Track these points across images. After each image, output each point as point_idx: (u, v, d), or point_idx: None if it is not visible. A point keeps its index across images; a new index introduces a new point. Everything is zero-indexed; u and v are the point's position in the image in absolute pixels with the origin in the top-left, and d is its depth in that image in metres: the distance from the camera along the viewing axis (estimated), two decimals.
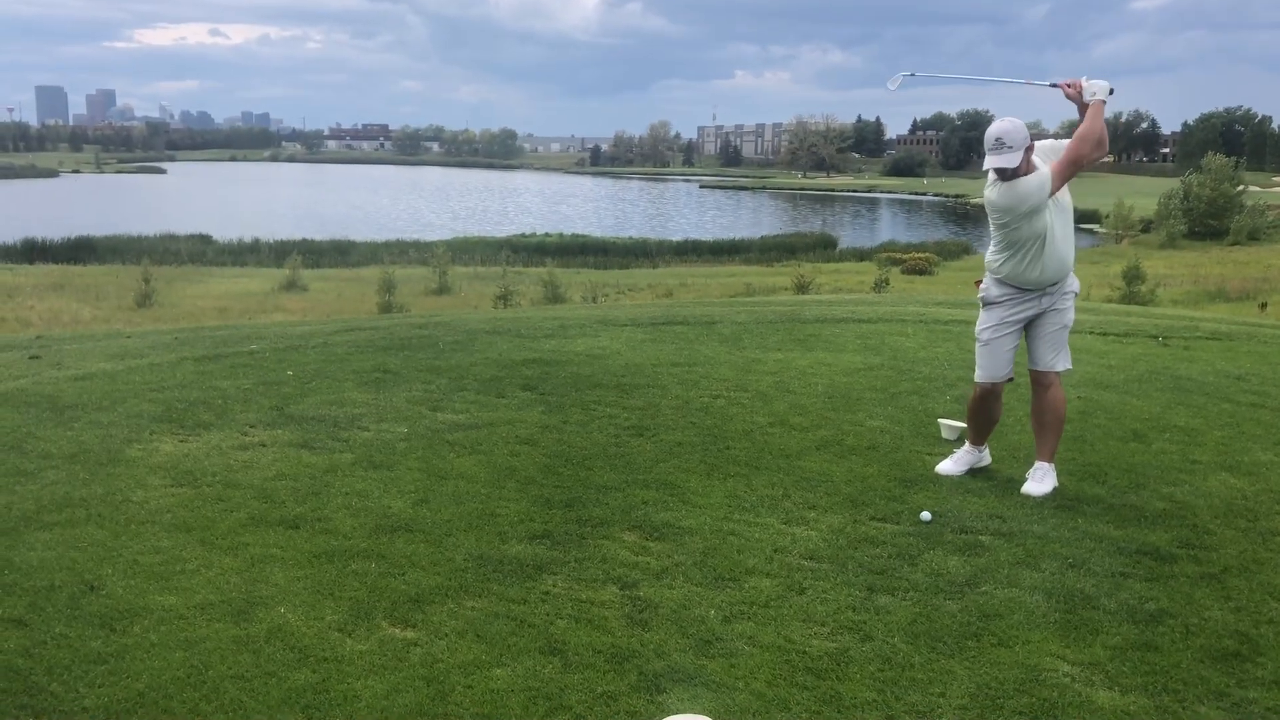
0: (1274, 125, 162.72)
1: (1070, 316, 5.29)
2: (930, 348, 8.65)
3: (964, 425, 6.09)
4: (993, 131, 4.98)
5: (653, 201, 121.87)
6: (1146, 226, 74.85)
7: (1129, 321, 10.84)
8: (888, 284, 34.56)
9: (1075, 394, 7.14)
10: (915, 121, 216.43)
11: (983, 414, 5.46)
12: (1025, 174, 5.01)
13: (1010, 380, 5.41)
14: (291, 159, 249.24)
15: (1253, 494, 5.19)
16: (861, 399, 6.90)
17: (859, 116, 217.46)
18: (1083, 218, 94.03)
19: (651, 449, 5.71)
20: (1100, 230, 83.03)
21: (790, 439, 5.97)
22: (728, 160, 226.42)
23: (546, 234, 65.87)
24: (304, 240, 55.28)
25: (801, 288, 32.43)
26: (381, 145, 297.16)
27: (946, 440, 6.04)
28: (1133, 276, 37.66)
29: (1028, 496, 5.13)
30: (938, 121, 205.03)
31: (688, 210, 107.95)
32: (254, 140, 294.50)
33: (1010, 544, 4.51)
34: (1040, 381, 5.34)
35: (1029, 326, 5.31)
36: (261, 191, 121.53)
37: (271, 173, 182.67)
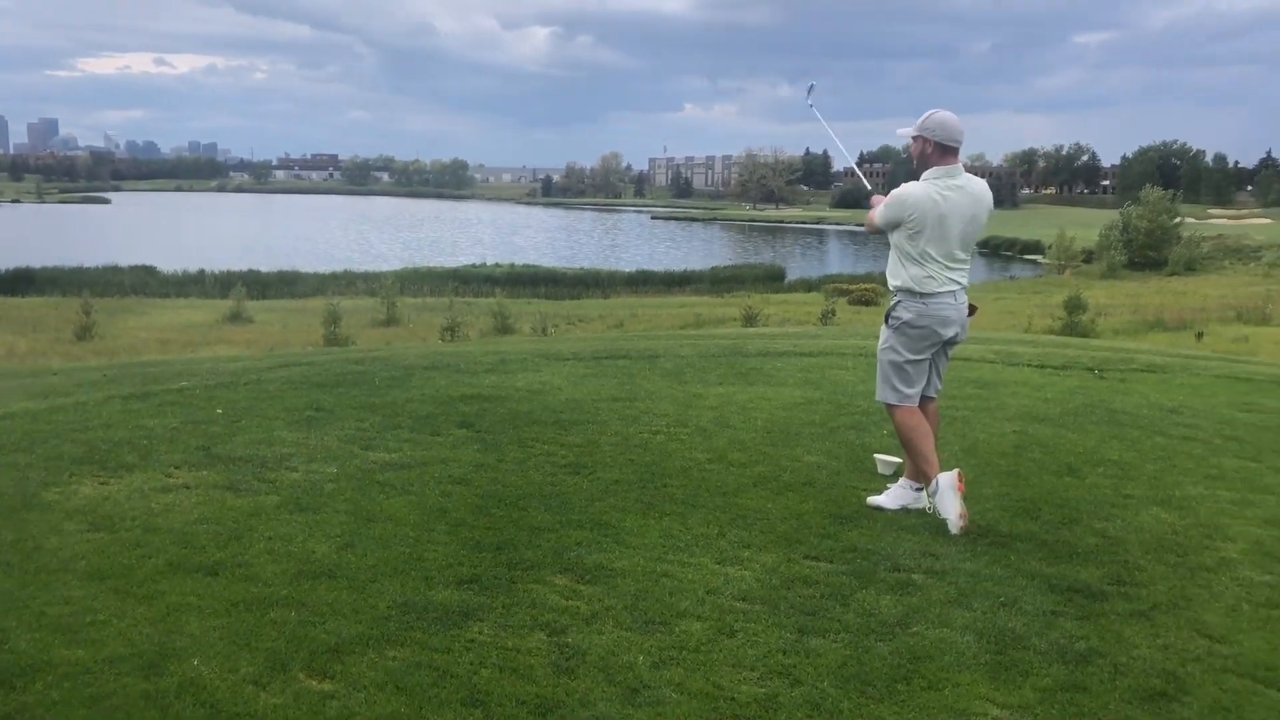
0: (1207, 159, 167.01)
1: (880, 343, 5.51)
2: (869, 381, 8.61)
3: (899, 460, 6.10)
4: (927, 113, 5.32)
5: (605, 232, 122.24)
6: (1088, 257, 76.23)
7: (1066, 354, 10.97)
8: (834, 315, 34.80)
9: (1011, 429, 7.19)
10: (862, 154, 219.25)
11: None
12: (920, 165, 5.32)
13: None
14: (239, 189, 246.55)
15: (1183, 528, 5.23)
16: (800, 434, 6.89)
17: (807, 149, 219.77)
18: (1026, 249, 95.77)
19: (588, 487, 5.63)
20: (1043, 261, 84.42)
21: (728, 475, 5.93)
22: (679, 192, 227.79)
23: (497, 264, 65.69)
24: (250, 271, 54.62)
25: (750, 319, 32.55)
26: (331, 175, 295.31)
27: (882, 476, 6.03)
28: (1074, 306, 38.24)
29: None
30: (884, 155, 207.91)
31: (640, 241, 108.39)
32: (201, 170, 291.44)
33: (943, 582, 4.49)
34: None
35: None
36: (208, 222, 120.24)
37: (218, 203, 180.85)
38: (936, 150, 5.27)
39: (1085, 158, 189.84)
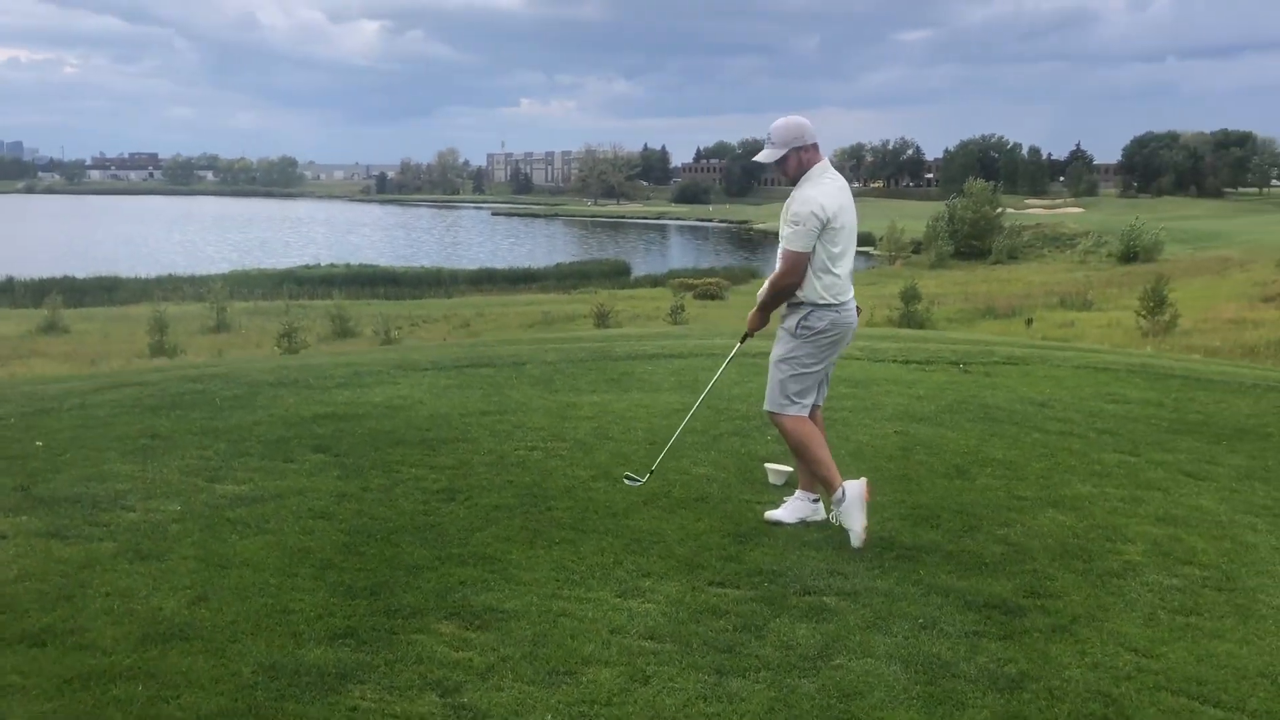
0: (1023, 152, 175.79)
1: (776, 350, 5.22)
2: (743, 383, 8.45)
3: (790, 469, 5.86)
4: (773, 125, 5.09)
5: (445, 229, 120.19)
6: (917, 248, 79.03)
7: (928, 348, 11.03)
8: (683, 310, 34.90)
9: (893, 428, 7.07)
10: (699, 150, 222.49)
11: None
12: (799, 175, 5.04)
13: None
14: (50, 190, 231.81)
15: (1082, 531, 5.14)
16: (683, 443, 6.57)
17: (645, 145, 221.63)
18: (858, 240, 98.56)
19: (465, 515, 5.18)
20: (875, 253, 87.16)
21: (616, 494, 5.56)
22: (519, 188, 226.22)
23: (333, 264, 63.56)
24: (65, 277, 51.21)
25: (601, 316, 32.30)
26: (151, 175, 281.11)
27: (774, 486, 5.78)
28: (910, 296, 39.45)
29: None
30: (720, 150, 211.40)
31: (481, 238, 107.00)
32: (5, 170, 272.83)
33: (857, 605, 4.24)
34: None
35: None
36: (15, 226, 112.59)
37: (27, 206, 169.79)
38: (811, 150, 5.03)
39: (910, 151, 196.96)
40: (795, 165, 5.03)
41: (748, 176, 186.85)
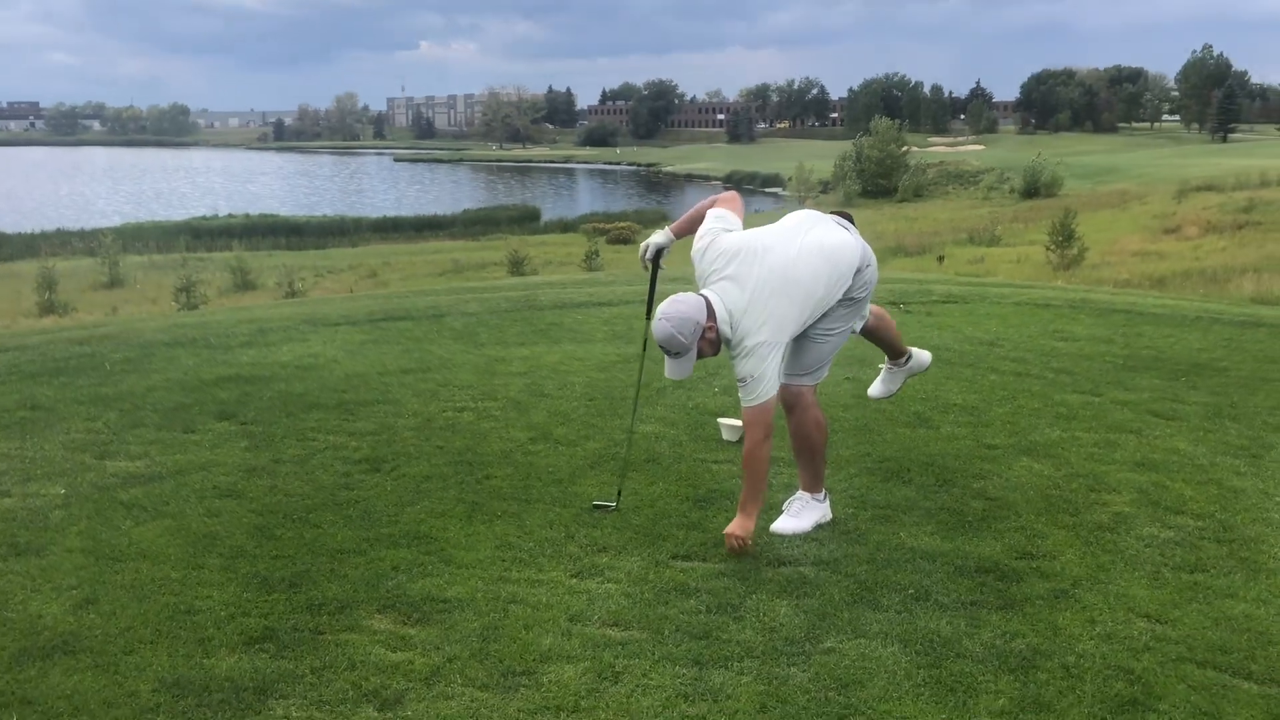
0: (925, 90, 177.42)
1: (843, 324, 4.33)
2: None
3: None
4: (660, 339, 3.95)
5: (348, 177, 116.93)
6: (825, 187, 79.31)
7: None
8: (598, 255, 34.27)
9: (843, 375, 6.67)
10: (604, 92, 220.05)
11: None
12: (715, 342, 4.01)
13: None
14: None
15: (1063, 481, 4.80)
16: (626, 399, 6.10)
17: (550, 87, 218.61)
18: (767, 182, 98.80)
19: (393, 489, 4.64)
20: (784, 193, 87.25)
21: (559, 457, 5.07)
22: (421, 133, 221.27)
23: (231, 215, 61.24)
24: None
25: (515, 264, 31.52)
26: (32, 125, 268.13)
27: (728, 442, 5.34)
28: None
29: (778, 534, 4.20)
30: (626, 92, 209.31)
31: (383, 185, 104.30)
32: None
33: (839, 575, 3.83)
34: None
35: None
36: None
37: None
38: (709, 323, 3.96)
39: (815, 91, 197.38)
40: (710, 345, 4.02)
41: (654, 119, 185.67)
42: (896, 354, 4.84)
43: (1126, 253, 36.37)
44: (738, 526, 3.99)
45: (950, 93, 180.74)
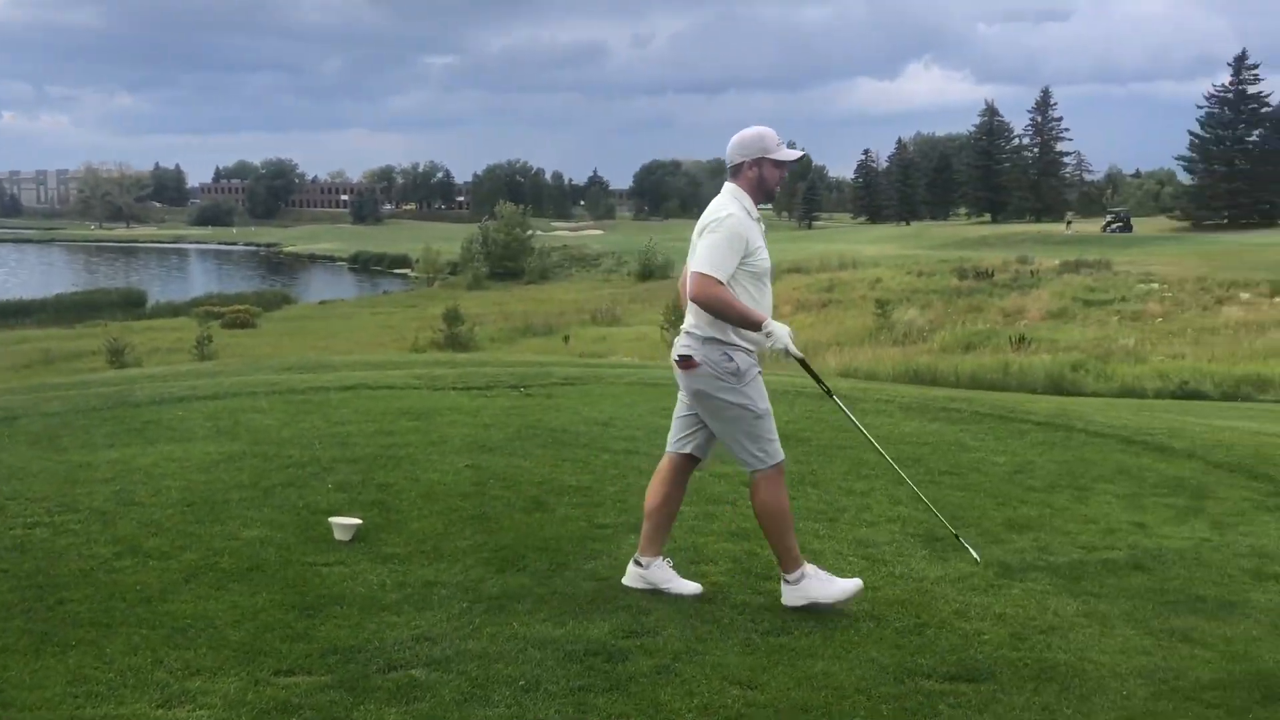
0: (547, 176, 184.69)
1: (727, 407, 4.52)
2: (294, 424, 7.66)
3: (358, 521, 5.27)
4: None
5: None
6: (453, 269, 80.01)
7: (486, 372, 10.79)
8: (210, 341, 32.33)
9: (463, 463, 6.66)
10: (219, 170, 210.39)
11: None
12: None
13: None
14: None
15: (666, 554, 5.03)
16: (229, 501, 5.73)
17: (157, 164, 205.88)
18: (394, 263, 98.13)
19: None
20: (412, 275, 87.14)
21: (148, 573, 4.64)
22: (6, 210, 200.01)
23: None
24: None
25: (116, 353, 28.99)
26: None
27: (341, 542, 5.15)
28: (453, 318, 39.59)
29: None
30: (242, 170, 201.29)
31: None
32: None
33: (450, 674, 3.76)
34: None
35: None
36: None
37: None
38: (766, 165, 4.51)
39: (440, 175, 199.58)
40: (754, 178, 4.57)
41: (274, 197, 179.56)
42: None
43: None
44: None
45: (570, 180, 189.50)
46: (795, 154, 4.60)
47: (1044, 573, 5.03)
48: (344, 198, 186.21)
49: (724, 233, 4.35)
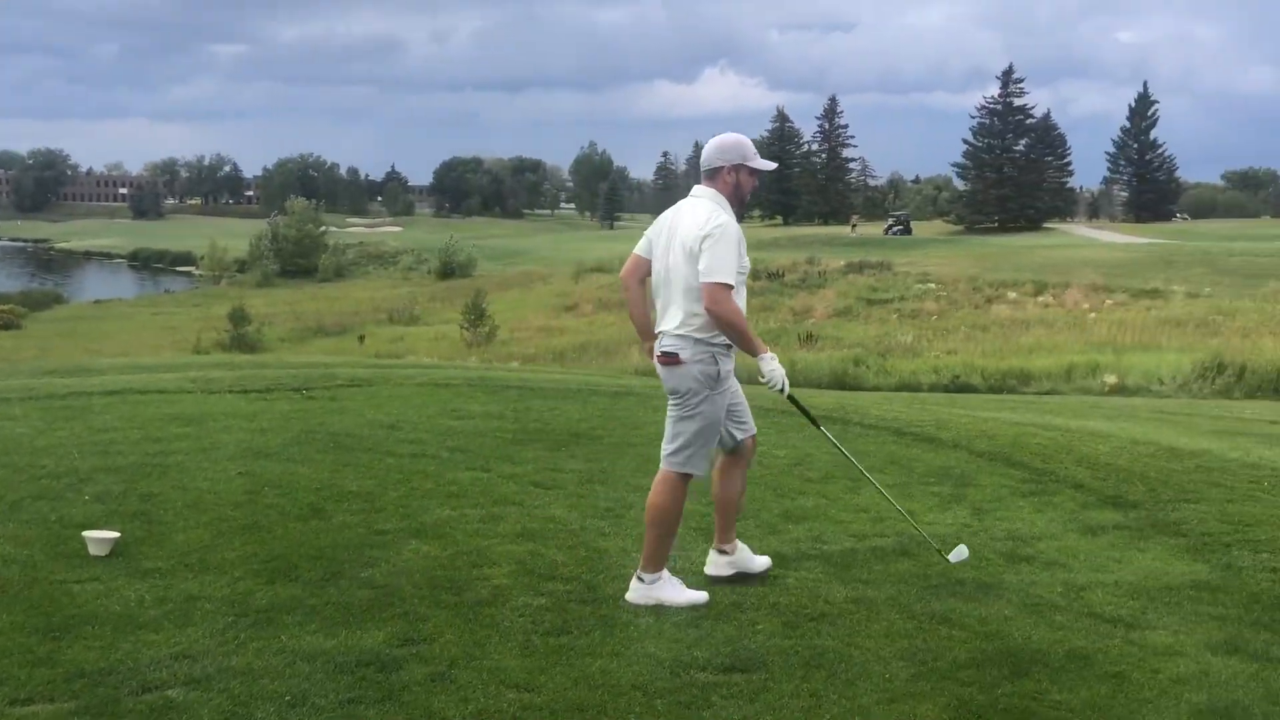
0: (342, 171, 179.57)
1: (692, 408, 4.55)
2: (50, 432, 7.13)
3: (117, 535, 4.94)
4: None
5: None
6: (242, 267, 76.80)
7: (267, 375, 10.36)
8: None
9: (236, 469, 6.36)
10: None
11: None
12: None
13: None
14: None
15: (448, 560, 4.94)
16: None
17: None
18: (177, 260, 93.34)
19: None
20: (197, 272, 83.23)
21: None
22: None
23: None
24: None
25: None
26: None
27: (96, 558, 4.81)
28: (239, 318, 37.99)
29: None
30: (8, 160, 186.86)
31: None
32: None
33: (211, 693, 3.57)
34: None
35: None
36: None
37: None
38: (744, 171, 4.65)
39: (228, 168, 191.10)
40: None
41: (43, 190, 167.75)
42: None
43: (533, 329, 39.36)
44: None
45: (367, 175, 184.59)
46: (770, 164, 4.78)
47: (817, 561, 5.21)
48: (123, 191, 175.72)
49: (729, 240, 4.44)
